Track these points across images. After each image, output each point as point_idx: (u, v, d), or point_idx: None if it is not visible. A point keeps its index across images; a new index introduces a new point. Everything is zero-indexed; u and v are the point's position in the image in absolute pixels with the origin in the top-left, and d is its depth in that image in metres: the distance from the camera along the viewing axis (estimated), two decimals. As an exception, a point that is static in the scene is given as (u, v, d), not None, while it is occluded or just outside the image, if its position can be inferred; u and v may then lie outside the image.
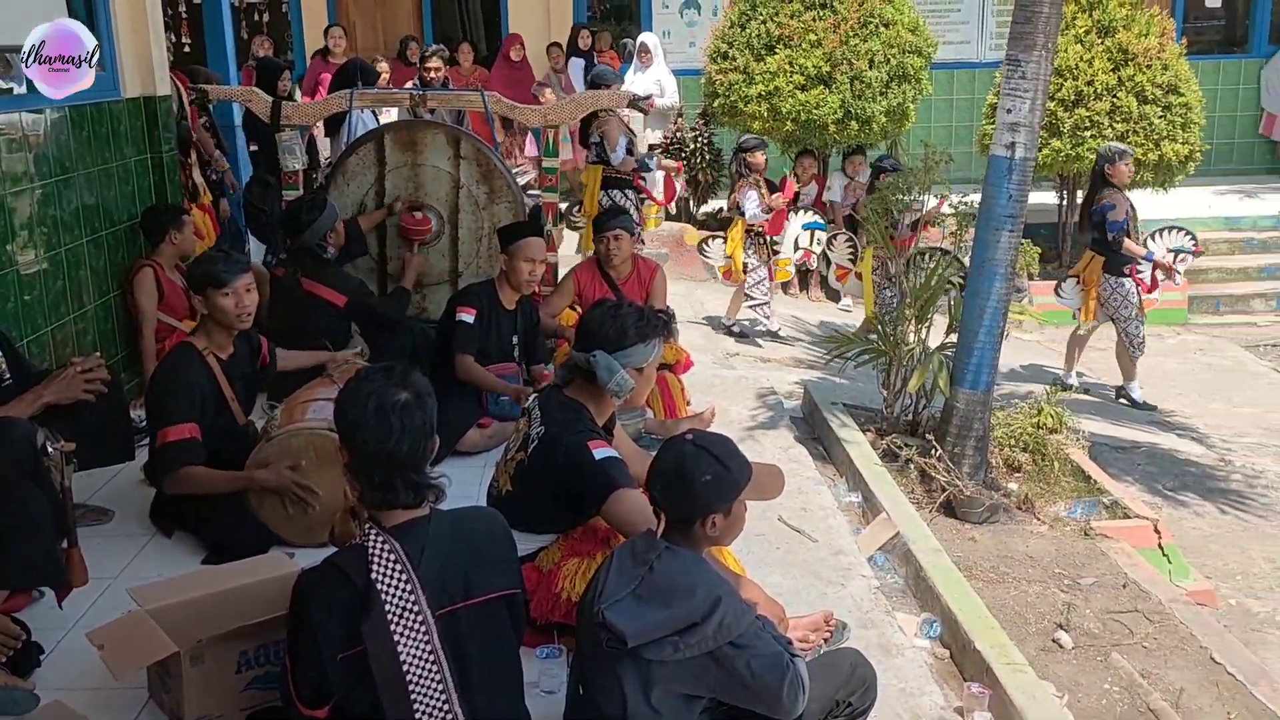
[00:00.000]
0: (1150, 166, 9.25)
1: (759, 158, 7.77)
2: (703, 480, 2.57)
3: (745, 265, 7.68)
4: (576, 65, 11.11)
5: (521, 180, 7.71)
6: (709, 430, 3.04)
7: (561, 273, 5.91)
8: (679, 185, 9.24)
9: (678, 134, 9.67)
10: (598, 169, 7.66)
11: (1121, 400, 7.57)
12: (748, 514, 2.71)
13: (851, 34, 8.97)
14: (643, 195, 7.92)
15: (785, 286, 9.58)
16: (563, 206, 8.31)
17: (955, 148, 11.65)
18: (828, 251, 8.04)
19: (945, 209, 6.23)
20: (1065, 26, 9.46)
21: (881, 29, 9.05)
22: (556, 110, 5.82)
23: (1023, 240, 6.10)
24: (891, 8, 9.15)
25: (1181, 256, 7.35)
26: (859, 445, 5.48)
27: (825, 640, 3.36)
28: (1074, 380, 7.64)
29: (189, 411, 3.77)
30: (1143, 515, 5.17)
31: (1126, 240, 7.08)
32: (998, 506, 5.14)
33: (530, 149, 10.12)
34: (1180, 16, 12.29)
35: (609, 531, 3.21)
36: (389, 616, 2.24)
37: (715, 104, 9.47)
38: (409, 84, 7.86)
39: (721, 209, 9.98)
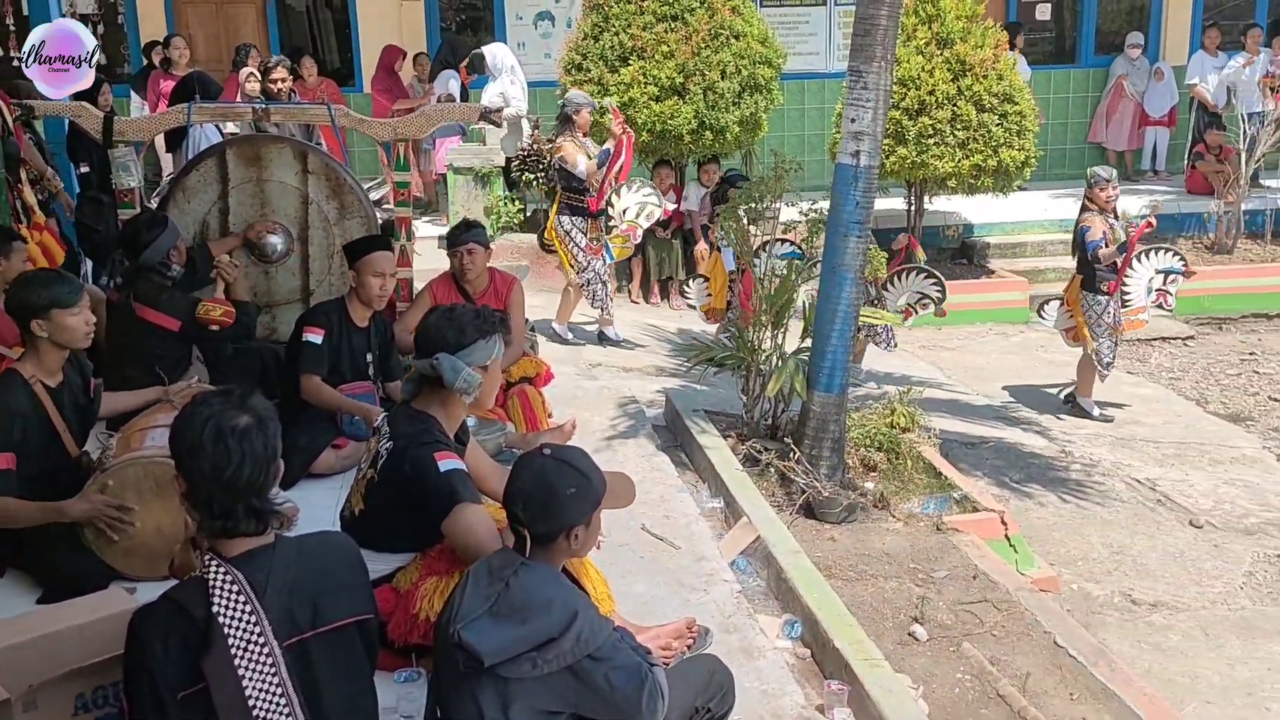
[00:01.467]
0: (990, 172, 9.62)
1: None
2: (567, 493, 2.59)
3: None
4: (443, 77, 11.06)
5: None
6: (564, 444, 3.04)
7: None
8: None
9: (534, 146, 9.63)
10: (555, 194, 7.62)
11: (1066, 407, 7.73)
12: (612, 525, 2.72)
13: (703, 45, 9.10)
14: (610, 221, 7.75)
15: (646, 295, 9.68)
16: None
17: (808, 156, 12.00)
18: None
19: (795, 215, 6.35)
20: (907, 39, 9.79)
21: (732, 41, 9.20)
22: (407, 124, 5.73)
23: (872, 245, 6.30)
24: (741, 20, 9.32)
25: (1172, 277, 7.39)
26: (720, 451, 5.54)
27: (688, 647, 3.39)
28: (1096, 411, 7.64)
29: (4, 441, 3.57)
30: (990, 508, 5.37)
31: (1102, 250, 7.19)
32: (855, 506, 5.27)
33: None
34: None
35: (469, 548, 3.16)
36: (232, 650, 2.16)
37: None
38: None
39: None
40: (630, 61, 9.08)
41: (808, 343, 5.64)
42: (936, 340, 9.57)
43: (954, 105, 9.47)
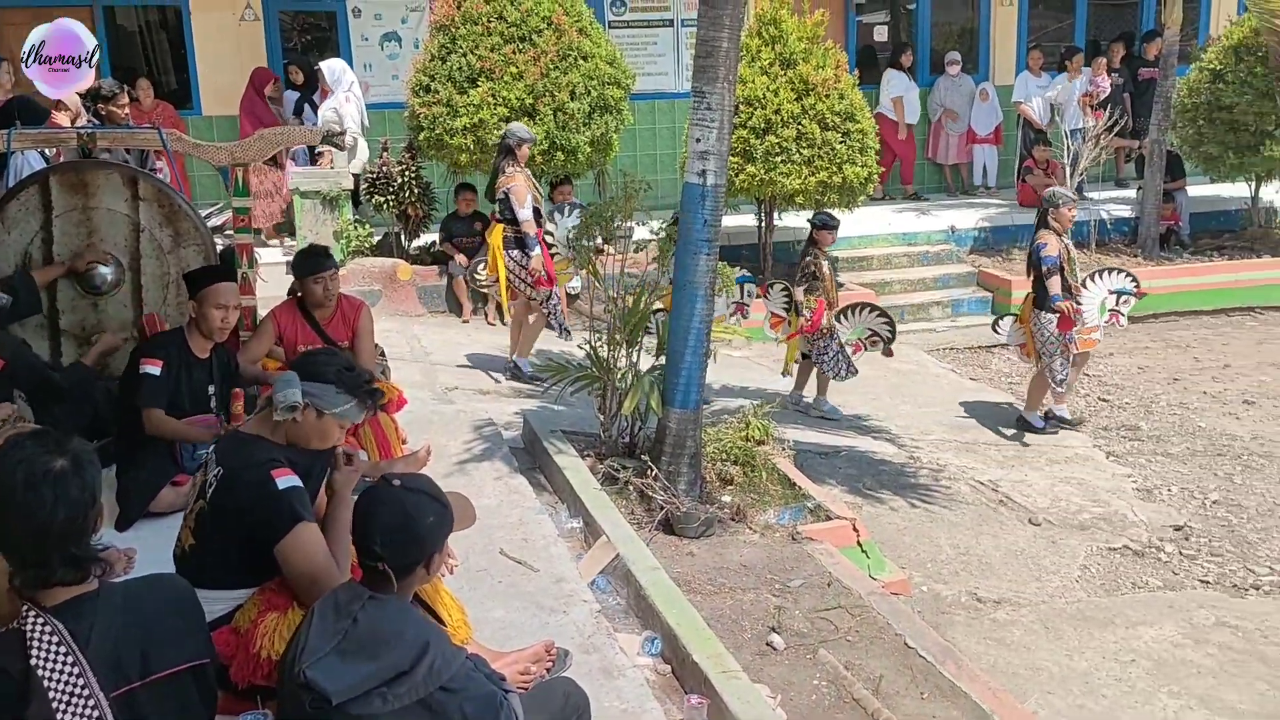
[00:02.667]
0: (835, 188, 9.92)
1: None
2: (428, 523, 2.57)
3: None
4: (291, 98, 10.84)
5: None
6: (410, 473, 2.99)
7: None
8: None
9: (383, 168, 9.49)
10: (499, 227, 7.42)
11: (1016, 427, 7.78)
12: (469, 551, 2.70)
13: (552, 67, 9.12)
14: (553, 249, 7.51)
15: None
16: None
17: (660, 175, 12.17)
18: (764, 300, 7.98)
19: (646, 234, 6.41)
20: (751, 59, 10.02)
21: (581, 62, 9.25)
22: (244, 148, 5.56)
23: (723, 262, 6.39)
24: (589, 42, 9.38)
25: (1124, 298, 7.49)
26: (578, 471, 5.54)
27: (547, 670, 3.36)
28: (1040, 423, 7.72)
29: None
30: (842, 516, 5.50)
31: (1053, 277, 7.30)
32: (713, 520, 5.33)
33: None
34: (853, 50, 13.29)
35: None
36: (54, 704, 2.04)
37: (421, 137, 9.38)
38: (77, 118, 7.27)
39: (434, 243, 9.89)
40: (479, 83, 9.04)
41: (663, 360, 5.70)
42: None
43: (799, 124, 9.74)
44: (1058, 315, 7.33)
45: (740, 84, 9.79)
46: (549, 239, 7.52)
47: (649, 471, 5.38)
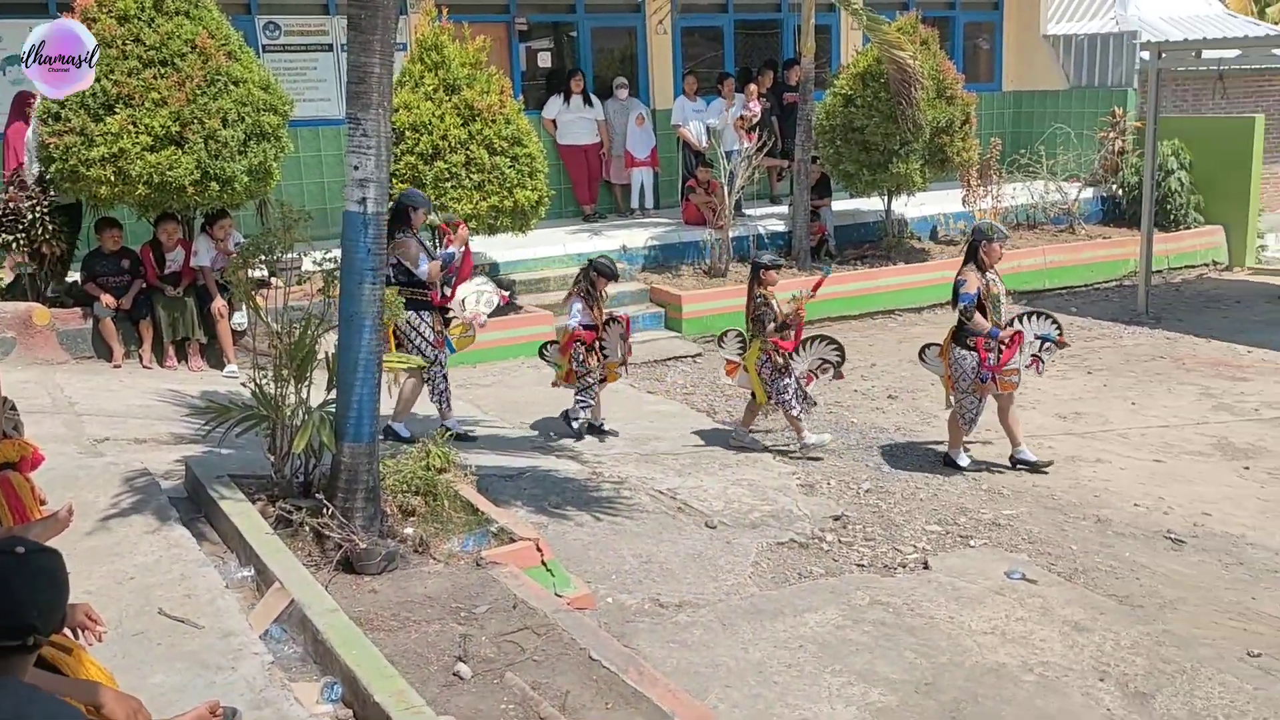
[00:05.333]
0: (507, 212, 10.02)
1: (603, 284, 8.05)
2: (54, 587, 2.44)
3: (575, 371, 7.95)
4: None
5: None
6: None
7: None
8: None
9: (10, 204, 8.62)
10: (394, 290, 7.06)
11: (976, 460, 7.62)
12: (122, 614, 2.49)
13: (199, 92, 8.63)
14: (449, 313, 7.74)
15: (160, 358, 8.98)
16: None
17: (329, 204, 11.81)
18: (719, 347, 8.05)
19: (309, 265, 6.19)
20: (415, 85, 9.96)
21: (231, 87, 8.82)
22: None
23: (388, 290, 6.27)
24: (240, 66, 8.96)
25: (1047, 345, 7.35)
26: (248, 516, 5.25)
27: (212, 732, 3.14)
28: (965, 460, 7.56)
29: None
30: (526, 537, 5.53)
31: (976, 315, 7.15)
32: (395, 554, 5.20)
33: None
34: (517, 75, 13.50)
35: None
36: None
37: (53, 169, 8.60)
38: None
39: (76, 282, 9.10)
40: (117, 110, 8.41)
41: (334, 394, 5.51)
42: (472, 378, 9.77)
43: (467, 149, 9.77)
44: (975, 352, 7.23)
45: (405, 110, 9.72)
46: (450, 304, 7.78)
47: (325, 510, 5.18)
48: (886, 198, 13.26)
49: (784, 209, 13.89)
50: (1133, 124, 15.18)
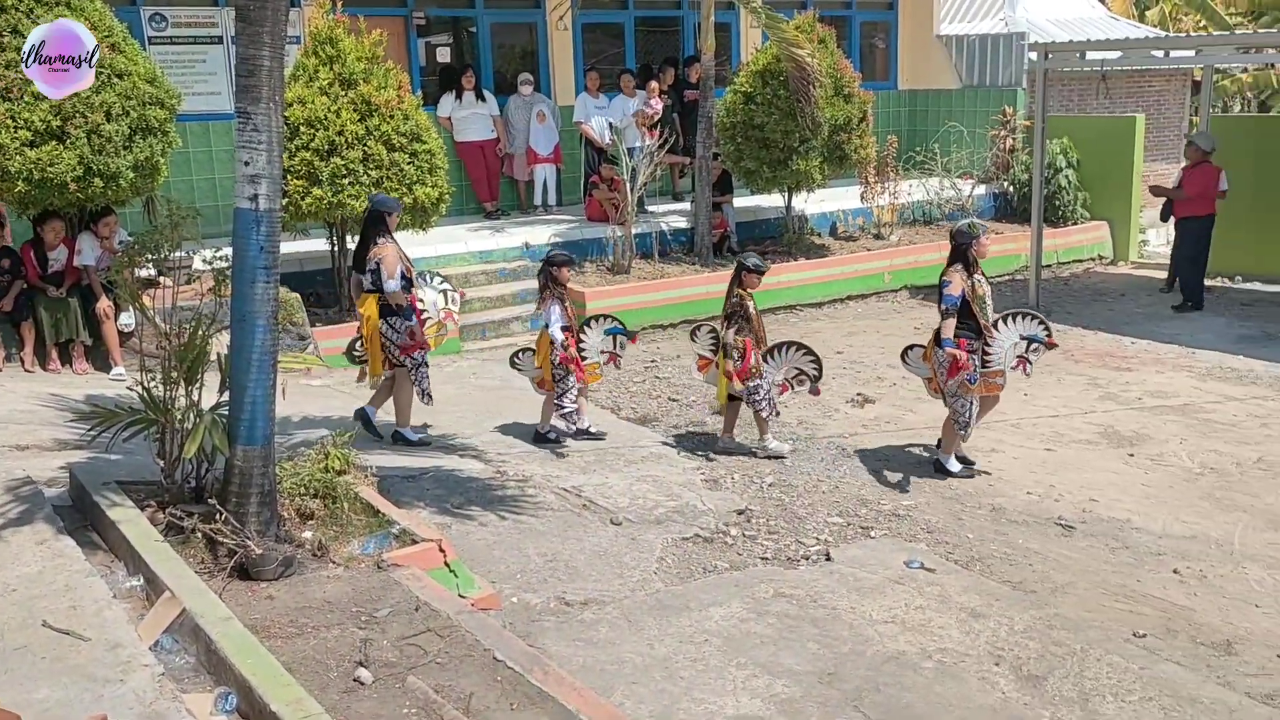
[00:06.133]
0: (407, 210, 9.87)
1: (565, 272, 7.79)
2: None
3: (554, 375, 7.72)
4: None
5: None
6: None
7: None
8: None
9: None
10: (373, 297, 7.45)
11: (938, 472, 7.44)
12: (3, 628, 2.36)
13: (81, 85, 8.32)
14: (424, 315, 7.83)
15: (43, 361, 8.64)
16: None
17: (221, 201, 11.52)
18: (691, 341, 7.92)
19: (199, 264, 6.00)
20: (309, 79, 9.75)
21: (115, 80, 8.52)
22: None
23: (284, 288, 6.15)
24: (124, 59, 8.65)
25: (1034, 346, 7.14)
26: (136, 524, 5.07)
27: (98, 750, 3.04)
28: (956, 467, 7.41)
29: None
30: (429, 538, 5.45)
31: (949, 320, 7.00)
32: (292, 559, 5.09)
33: None
34: (416, 71, 13.32)
35: None
36: None
37: (-77, 165, 8.21)
38: None
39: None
40: (-8, 103, 8.07)
41: (226, 396, 5.36)
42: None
43: (364, 145, 9.60)
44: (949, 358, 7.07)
45: (300, 105, 9.51)
46: (420, 305, 7.84)
47: (218, 516, 5.04)
48: (787, 194, 13.43)
49: (687, 206, 13.96)
50: (1022, 123, 15.64)
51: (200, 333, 5.59)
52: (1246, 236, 13.23)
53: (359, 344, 7.79)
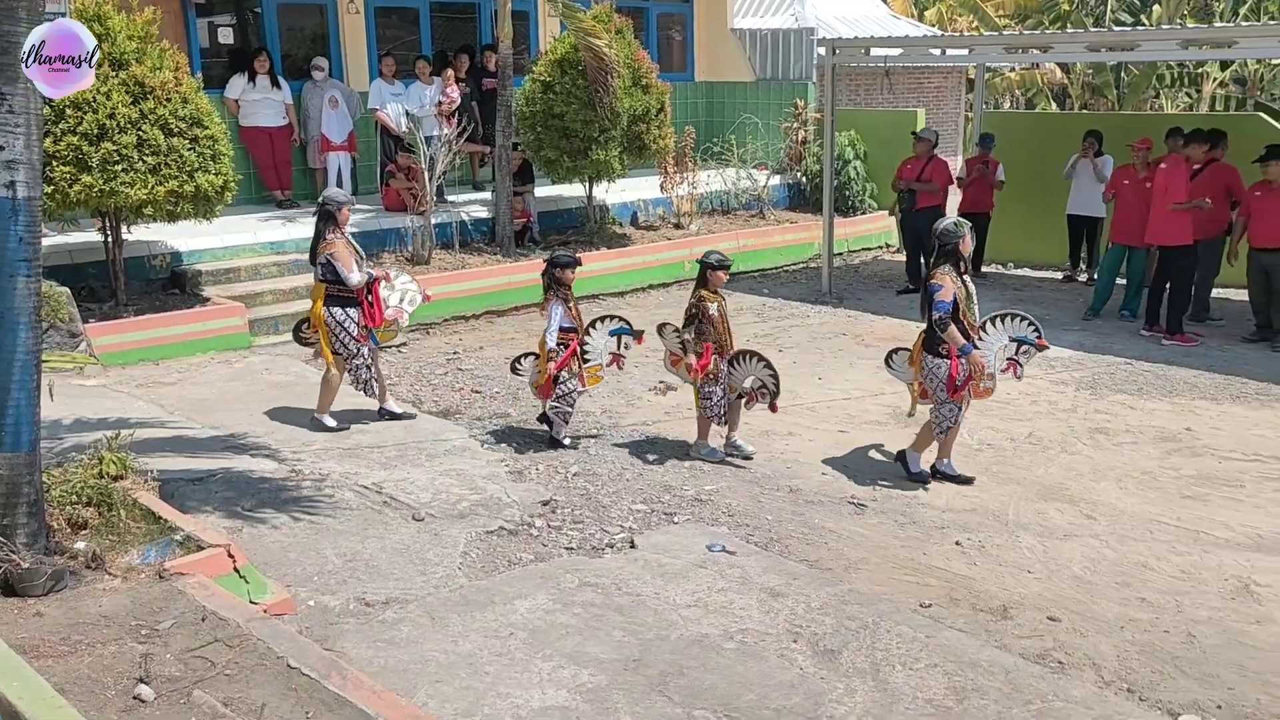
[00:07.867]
0: (189, 198, 9.36)
1: (569, 274, 7.59)
2: None
3: (555, 377, 7.54)
4: None
5: None
6: None
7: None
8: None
9: None
10: (322, 286, 7.73)
11: (937, 478, 7.17)
12: None
13: None
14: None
15: None
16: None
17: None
18: (659, 337, 7.73)
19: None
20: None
21: None
22: None
23: (52, 282, 5.71)
24: None
25: (1024, 348, 6.95)
26: (-120, 543, 4.62)
27: None
28: (917, 467, 7.19)
29: None
30: (216, 543, 5.19)
31: (951, 327, 6.65)
32: (63, 572, 4.77)
33: None
34: (195, 52, 12.64)
35: None
36: None
37: None
38: None
39: None
40: None
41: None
42: (154, 376, 9.07)
43: (139, 130, 9.04)
44: (947, 359, 6.80)
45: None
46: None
47: (-22, 530, 4.65)
48: (588, 184, 13.46)
49: (487, 195, 13.80)
50: (813, 115, 16.21)
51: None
52: (1020, 225, 14.09)
53: (305, 326, 8.09)
